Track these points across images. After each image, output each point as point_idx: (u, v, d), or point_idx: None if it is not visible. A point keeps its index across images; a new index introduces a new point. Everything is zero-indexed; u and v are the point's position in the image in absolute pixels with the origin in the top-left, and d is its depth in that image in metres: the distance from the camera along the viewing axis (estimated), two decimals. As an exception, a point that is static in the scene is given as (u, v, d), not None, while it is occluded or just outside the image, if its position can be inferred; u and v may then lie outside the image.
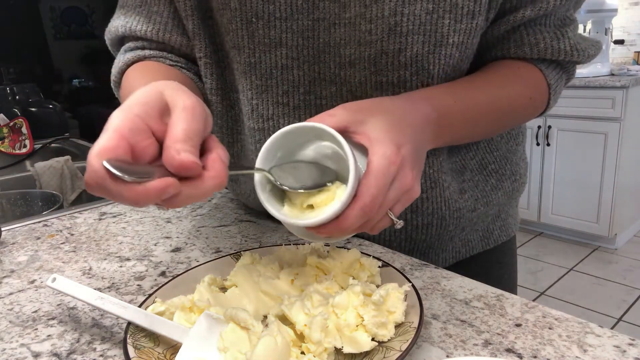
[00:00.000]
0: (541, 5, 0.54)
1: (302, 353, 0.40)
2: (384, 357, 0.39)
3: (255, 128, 0.62)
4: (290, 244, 0.55)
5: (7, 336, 0.48)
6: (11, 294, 0.57)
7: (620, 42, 3.19)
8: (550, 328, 0.45)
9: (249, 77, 0.59)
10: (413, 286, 0.45)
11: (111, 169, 0.32)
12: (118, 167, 0.32)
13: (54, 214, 0.85)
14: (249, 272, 0.49)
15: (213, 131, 0.74)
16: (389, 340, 0.41)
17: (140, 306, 0.45)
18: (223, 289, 0.50)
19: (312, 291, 0.44)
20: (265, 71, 0.58)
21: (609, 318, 2.22)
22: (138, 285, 0.58)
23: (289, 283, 0.49)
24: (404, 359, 0.38)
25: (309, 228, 0.42)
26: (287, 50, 0.56)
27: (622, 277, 2.56)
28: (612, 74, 2.77)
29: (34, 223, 0.81)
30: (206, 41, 0.62)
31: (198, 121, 0.36)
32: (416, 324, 0.41)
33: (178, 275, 0.52)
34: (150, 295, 0.48)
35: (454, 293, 0.52)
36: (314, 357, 0.39)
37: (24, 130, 1.54)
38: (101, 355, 0.44)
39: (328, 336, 0.40)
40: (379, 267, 0.50)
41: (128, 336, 0.41)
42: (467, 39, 0.53)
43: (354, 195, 0.40)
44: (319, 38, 0.55)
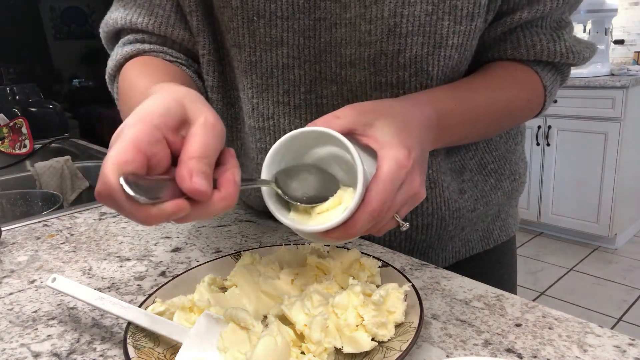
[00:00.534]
0: (538, 7, 0.55)
1: (302, 353, 0.40)
2: (384, 357, 0.39)
3: (255, 127, 0.62)
4: (290, 244, 0.55)
5: (7, 336, 0.48)
6: (11, 294, 0.57)
7: (620, 42, 3.19)
8: (550, 328, 0.45)
9: (250, 76, 0.59)
10: (413, 286, 0.45)
11: (127, 190, 0.31)
12: (133, 185, 0.31)
13: (54, 214, 0.85)
14: (249, 272, 0.49)
15: None
16: (389, 340, 0.41)
17: (140, 306, 0.45)
18: (223, 289, 0.50)
19: (312, 291, 0.44)
20: (266, 70, 0.58)
21: (609, 318, 2.22)
22: (138, 285, 0.58)
23: (289, 283, 0.49)
24: (404, 359, 0.38)
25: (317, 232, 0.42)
26: (288, 49, 0.56)
27: (622, 277, 2.56)
28: (612, 74, 2.77)
29: (34, 223, 0.81)
30: (210, 38, 0.62)
31: (217, 138, 0.36)
32: (416, 324, 0.41)
33: (178, 275, 0.52)
34: (150, 295, 0.48)
35: (454, 293, 0.52)
36: (314, 357, 0.39)
37: (24, 130, 1.54)
38: (101, 355, 0.44)
39: (328, 336, 0.40)
40: (379, 267, 0.50)
41: (128, 336, 0.41)
42: (466, 41, 0.53)
43: (363, 199, 0.39)
44: (320, 38, 0.55)
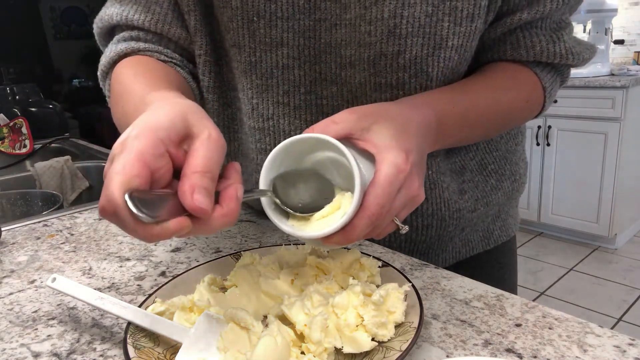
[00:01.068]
0: (537, 8, 0.55)
1: (302, 353, 0.40)
2: (384, 357, 0.39)
3: (255, 127, 0.62)
4: (290, 244, 0.55)
5: (7, 336, 0.48)
6: (11, 294, 0.57)
7: (620, 42, 3.19)
8: (550, 328, 0.45)
9: (250, 76, 0.59)
10: (413, 286, 0.45)
11: (132, 209, 0.31)
12: (137, 203, 0.31)
13: (54, 214, 0.85)
14: (249, 272, 0.49)
15: None
16: (389, 340, 0.41)
17: (140, 306, 0.45)
18: (223, 289, 0.50)
19: (312, 291, 0.44)
20: (266, 70, 0.58)
21: (609, 318, 2.22)
22: (138, 285, 0.58)
23: (289, 283, 0.49)
24: (404, 359, 0.38)
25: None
26: (289, 49, 0.56)
27: (622, 277, 2.56)
28: (612, 74, 2.77)
29: (34, 223, 0.81)
30: (207, 38, 0.61)
31: (219, 153, 0.36)
32: (416, 324, 0.41)
33: (178, 275, 0.52)
34: (150, 295, 0.48)
35: (454, 293, 0.52)
36: (314, 357, 0.39)
37: (24, 130, 1.54)
38: (101, 355, 0.44)
39: (328, 336, 0.40)
40: (379, 267, 0.50)
41: (128, 336, 0.41)
42: (466, 42, 0.53)
43: (361, 204, 0.39)
44: (320, 38, 0.55)
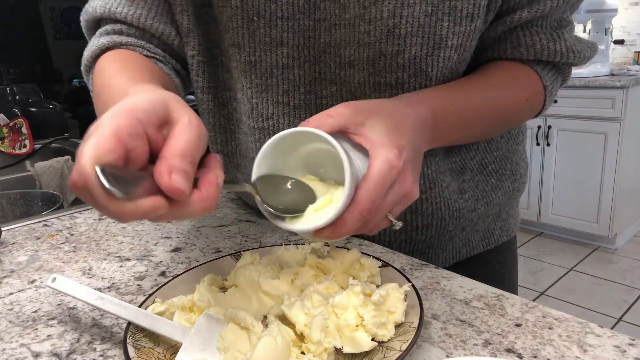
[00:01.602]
0: (538, 7, 0.55)
1: (302, 353, 0.40)
2: (384, 357, 0.39)
3: (255, 127, 0.62)
4: (290, 244, 0.55)
5: (7, 336, 0.48)
6: (11, 294, 0.57)
7: (620, 42, 3.19)
8: (550, 328, 0.45)
9: (249, 76, 0.59)
10: (413, 286, 0.45)
11: (103, 181, 0.30)
12: (110, 177, 0.30)
13: (54, 214, 0.85)
14: (249, 272, 0.49)
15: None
16: (389, 340, 0.41)
17: (140, 306, 0.45)
18: (223, 289, 0.50)
19: (312, 291, 0.44)
20: (265, 70, 0.58)
21: (609, 318, 2.22)
22: (138, 285, 0.58)
23: (289, 283, 0.49)
24: (404, 359, 0.38)
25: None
26: (288, 49, 0.56)
27: (622, 277, 2.56)
28: (612, 74, 2.77)
29: (34, 223, 0.81)
30: (199, 38, 0.61)
31: (201, 139, 0.35)
32: (416, 324, 0.41)
33: (178, 275, 0.52)
34: (150, 295, 0.48)
35: (454, 293, 0.52)
36: (314, 357, 0.39)
37: (24, 130, 1.54)
38: (101, 355, 0.44)
39: (328, 336, 0.40)
40: (379, 267, 0.50)
41: (128, 336, 0.41)
42: (466, 42, 0.53)
43: (353, 199, 0.39)
44: (320, 38, 0.55)
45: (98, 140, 0.31)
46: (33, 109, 1.73)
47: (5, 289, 0.58)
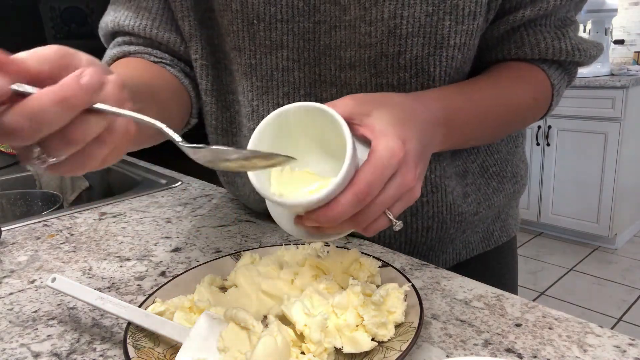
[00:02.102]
0: (541, 5, 0.54)
1: (302, 353, 0.40)
2: (384, 357, 0.39)
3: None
4: (290, 244, 0.55)
5: (7, 336, 0.48)
6: (11, 294, 0.57)
7: (620, 42, 3.19)
8: (550, 328, 0.45)
9: (250, 79, 0.59)
10: (413, 286, 0.45)
11: None
12: None
13: (54, 214, 0.85)
14: (249, 272, 0.49)
15: (208, 132, 0.74)
16: (389, 340, 0.41)
17: (140, 306, 0.45)
18: (223, 289, 0.50)
19: (312, 291, 0.44)
20: (266, 73, 0.58)
21: (609, 318, 2.22)
22: (138, 285, 0.58)
23: (289, 283, 0.49)
24: (404, 359, 0.38)
25: (297, 218, 0.41)
26: (288, 52, 0.56)
27: (622, 277, 2.56)
28: (612, 74, 2.77)
29: (34, 223, 0.81)
30: (202, 42, 0.62)
31: (68, 63, 0.32)
32: (416, 324, 0.41)
33: (178, 275, 0.52)
34: (150, 295, 0.48)
35: (454, 293, 0.52)
36: (314, 357, 0.39)
37: (24, 130, 1.54)
38: (101, 355, 0.44)
39: (328, 336, 0.40)
40: (379, 267, 0.50)
41: (128, 336, 0.41)
42: (469, 40, 0.53)
43: (350, 181, 0.37)
44: (320, 40, 0.55)
45: None
46: (33, 109, 1.73)
47: (5, 289, 0.58)
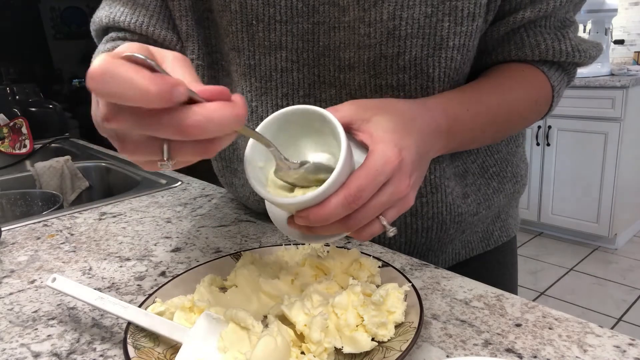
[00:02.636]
0: (541, 6, 0.54)
1: (302, 353, 0.40)
2: (384, 357, 0.39)
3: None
4: (290, 244, 0.55)
5: (7, 336, 0.48)
6: (11, 294, 0.57)
7: (620, 42, 3.19)
8: (550, 328, 0.45)
9: (249, 79, 0.59)
10: (413, 286, 0.45)
11: (137, 55, 0.28)
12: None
13: (54, 214, 0.85)
14: (249, 272, 0.49)
15: None
16: (389, 340, 0.41)
17: (140, 306, 0.45)
18: (223, 289, 0.50)
19: (312, 291, 0.44)
20: (265, 73, 0.58)
21: (609, 318, 2.22)
22: (138, 285, 0.58)
23: (289, 283, 0.49)
24: (404, 359, 0.38)
25: (289, 219, 0.41)
26: (287, 53, 0.56)
27: (622, 277, 2.56)
28: (612, 74, 2.77)
29: (34, 223, 0.81)
30: (199, 43, 0.62)
31: (193, 68, 0.34)
32: (416, 324, 0.41)
33: (178, 275, 0.52)
34: (150, 295, 0.48)
35: (454, 293, 0.52)
36: (314, 357, 0.39)
37: (24, 130, 1.54)
38: (101, 355, 0.44)
39: (328, 336, 0.40)
40: (379, 267, 0.50)
41: (128, 336, 0.41)
42: (468, 41, 0.53)
43: (343, 184, 0.38)
44: (319, 41, 0.55)
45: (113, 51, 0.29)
46: (33, 109, 1.73)
47: (5, 289, 0.58)
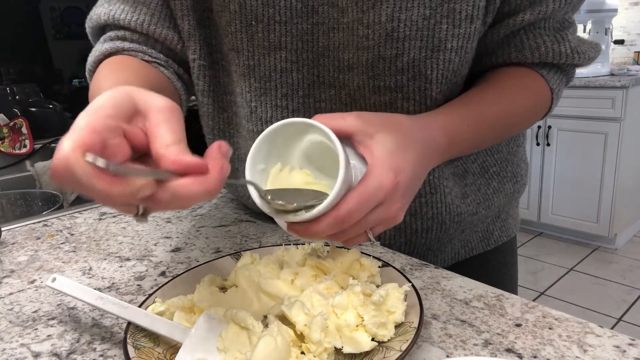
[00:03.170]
0: (540, 8, 0.54)
1: (302, 353, 0.40)
2: (384, 357, 0.39)
3: (254, 130, 0.62)
4: (290, 244, 0.55)
5: (7, 336, 0.48)
6: (11, 294, 0.57)
7: (620, 42, 3.19)
8: (550, 328, 0.45)
9: (248, 80, 0.59)
10: (413, 286, 0.45)
11: (88, 157, 0.29)
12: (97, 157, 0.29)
13: (54, 214, 0.85)
14: (249, 272, 0.49)
15: (205, 132, 0.73)
16: (389, 340, 0.41)
17: (140, 306, 0.45)
18: (223, 289, 0.50)
19: (312, 291, 0.44)
20: (264, 74, 0.58)
21: (609, 318, 2.22)
22: (138, 285, 0.58)
23: (289, 283, 0.49)
24: (404, 359, 0.38)
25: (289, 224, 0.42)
26: (287, 53, 0.56)
27: (622, 277, 2.56)
28: (612, 74, 2.77)
29: (34, 223, 0.81)
30: (201, 42, 0.61)
31: (179, 121, 0.34)
32: (416, 324, 0.41)
33: (178, 275, 0.52)
34: (150, 295, 0.48)
35: (454, 293, 0.52)
36: (314, 357, 0.39)
37: (24, 130, 1.54)
38: (101, 355, 0.44)
39: (328, 336, 0.40)
40: (379, 267, 0.50)
41: (128, 336, 0.41)
42: (466, 44, 0.53)
43: (336, 204, 0.39)
44: (318, 42, 0.55)
45: (74, 134, 0.30)
46: (33, 109, 1.73)
47: (5, 289, 0.58)
